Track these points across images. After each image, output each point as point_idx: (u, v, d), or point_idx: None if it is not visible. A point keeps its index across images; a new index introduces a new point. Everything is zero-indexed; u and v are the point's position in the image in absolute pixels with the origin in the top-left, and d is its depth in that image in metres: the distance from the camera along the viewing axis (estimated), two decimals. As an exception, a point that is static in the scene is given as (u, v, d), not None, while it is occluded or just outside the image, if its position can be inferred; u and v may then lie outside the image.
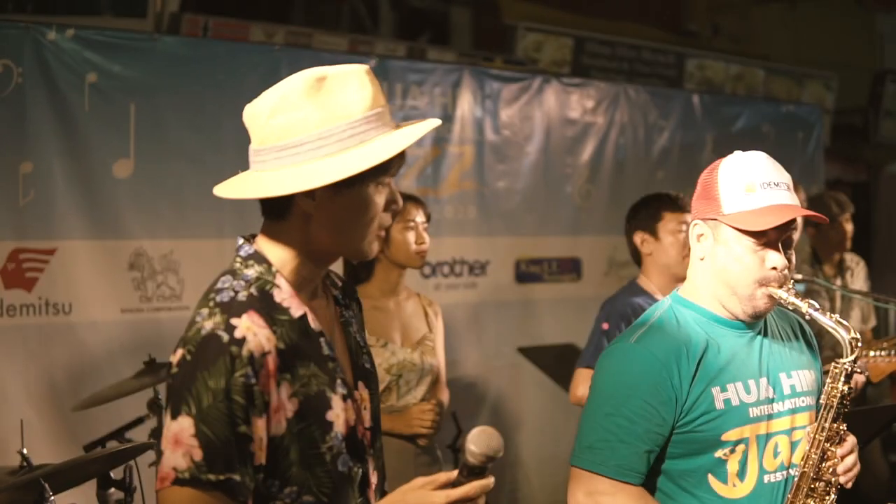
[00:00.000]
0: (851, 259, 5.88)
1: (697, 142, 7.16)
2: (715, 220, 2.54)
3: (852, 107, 10.16)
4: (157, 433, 4.19)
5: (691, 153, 7.11)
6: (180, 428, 1.89)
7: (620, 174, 6.70)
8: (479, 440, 2.01)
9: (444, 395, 4.27)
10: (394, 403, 4.01)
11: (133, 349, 4.77)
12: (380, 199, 2.06)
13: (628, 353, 2.53)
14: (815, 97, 9.56)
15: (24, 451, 3.61)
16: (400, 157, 2.04)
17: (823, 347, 4.89)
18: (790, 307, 2.53)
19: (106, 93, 4.92)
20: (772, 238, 2.49)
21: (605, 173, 6.77)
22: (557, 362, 6.13)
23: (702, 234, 2.59)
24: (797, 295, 2.51)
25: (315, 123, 1.99)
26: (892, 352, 4.26)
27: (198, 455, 1.88)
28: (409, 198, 4.09)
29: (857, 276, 5.85)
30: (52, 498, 3.17)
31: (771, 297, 2.51)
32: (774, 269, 2.50)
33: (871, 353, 4.30)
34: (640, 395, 2.46)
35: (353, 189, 2.01)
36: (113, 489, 3.64)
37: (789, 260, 2.54)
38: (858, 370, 2.52)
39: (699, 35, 10.11)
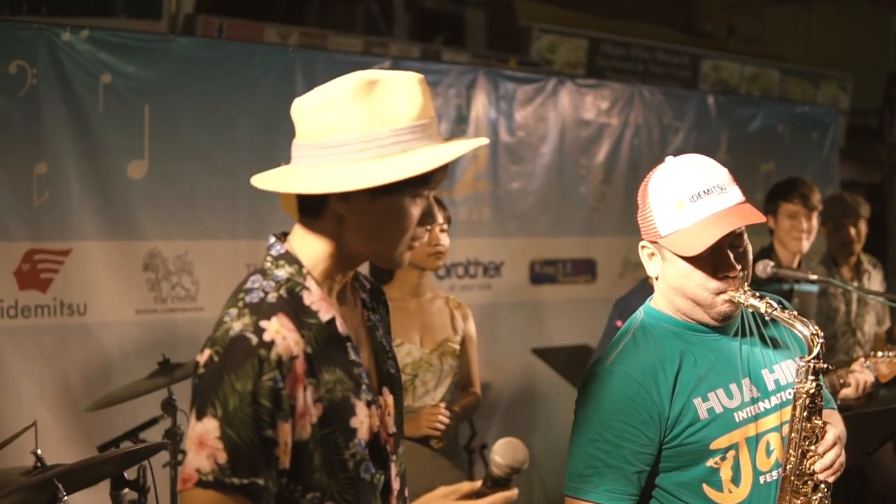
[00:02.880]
0: (869, 261, 5.84)
1: (712, 143, 7.13)
2: (656, 242, 2.52)
3: (867, 108, 10.14)
4: (171, 434, 4.20)
5: (706, 154, 7.03)
6: (205, 430, 1.87)
7: (635, 175, 6.66)
8: (504, 451, 2.00)
9: (474, 396, 4.25)
10: (410, 404, 3.95)
11: (147, 350, 4.78)
12: (416, 210, 2.02)
13: (605, 377, 2.50)
14: (829, 98, 9.54)
15: (38, 451, 3.61)
16: (441, 171, 1.99)
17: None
18: (750, 309, 2.50)
19: (120, 94, 4.93)
20: (718, 244, 2.43)
21: (619, 174, 6.75)
22: (571, 363, 6.12)
23: (652, 254, 2.56)
24: (754, 295, 2.46)
25: (358, 126, 1.96)
26: None
27: (222, 458, 1.86)
28: None
29: (874, 279, 5.81)
30: (66, 498, 3.18)
31: (731, 300, 2.48)
32: (726, 276, 2.46)
33: (880, 354, 4.28)
34: (621, 417, 2.43)
35: (389, 197, 1.97)
36: (127, 489, 3.63)
37: (743, 255, 2.50)
38: (826, 366, 2.46)
39: (714, 36, 10.09)
